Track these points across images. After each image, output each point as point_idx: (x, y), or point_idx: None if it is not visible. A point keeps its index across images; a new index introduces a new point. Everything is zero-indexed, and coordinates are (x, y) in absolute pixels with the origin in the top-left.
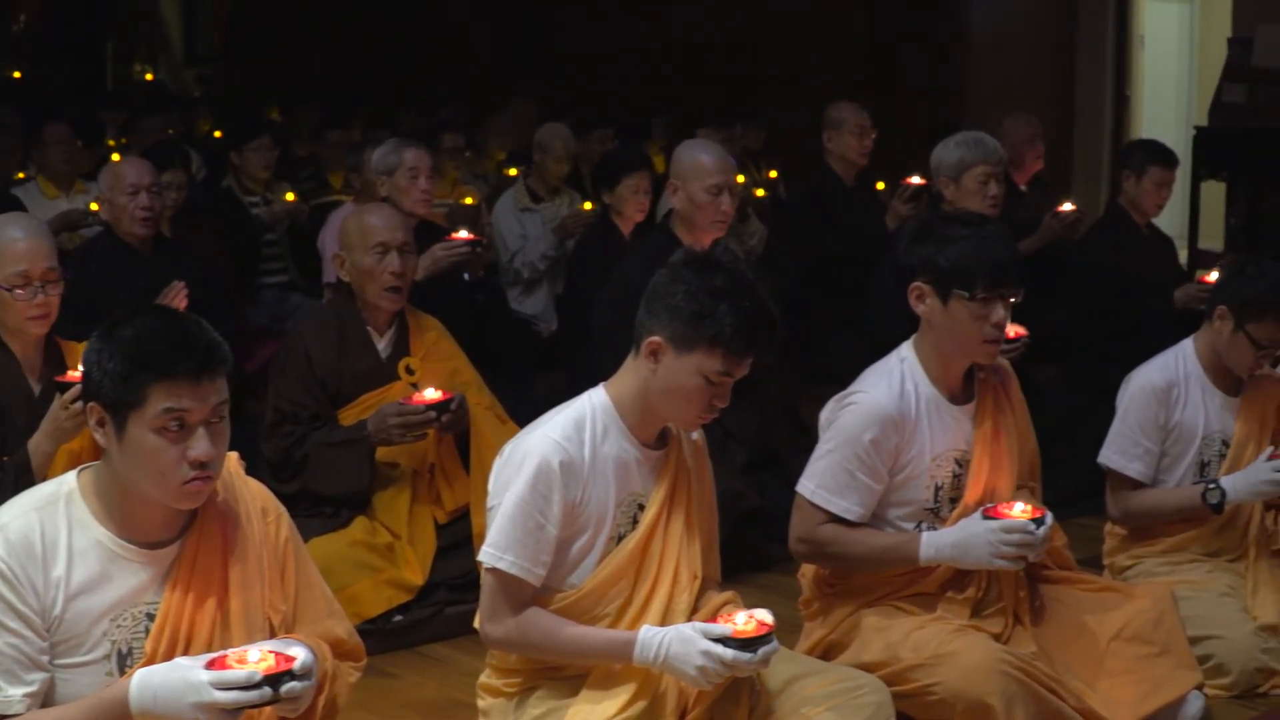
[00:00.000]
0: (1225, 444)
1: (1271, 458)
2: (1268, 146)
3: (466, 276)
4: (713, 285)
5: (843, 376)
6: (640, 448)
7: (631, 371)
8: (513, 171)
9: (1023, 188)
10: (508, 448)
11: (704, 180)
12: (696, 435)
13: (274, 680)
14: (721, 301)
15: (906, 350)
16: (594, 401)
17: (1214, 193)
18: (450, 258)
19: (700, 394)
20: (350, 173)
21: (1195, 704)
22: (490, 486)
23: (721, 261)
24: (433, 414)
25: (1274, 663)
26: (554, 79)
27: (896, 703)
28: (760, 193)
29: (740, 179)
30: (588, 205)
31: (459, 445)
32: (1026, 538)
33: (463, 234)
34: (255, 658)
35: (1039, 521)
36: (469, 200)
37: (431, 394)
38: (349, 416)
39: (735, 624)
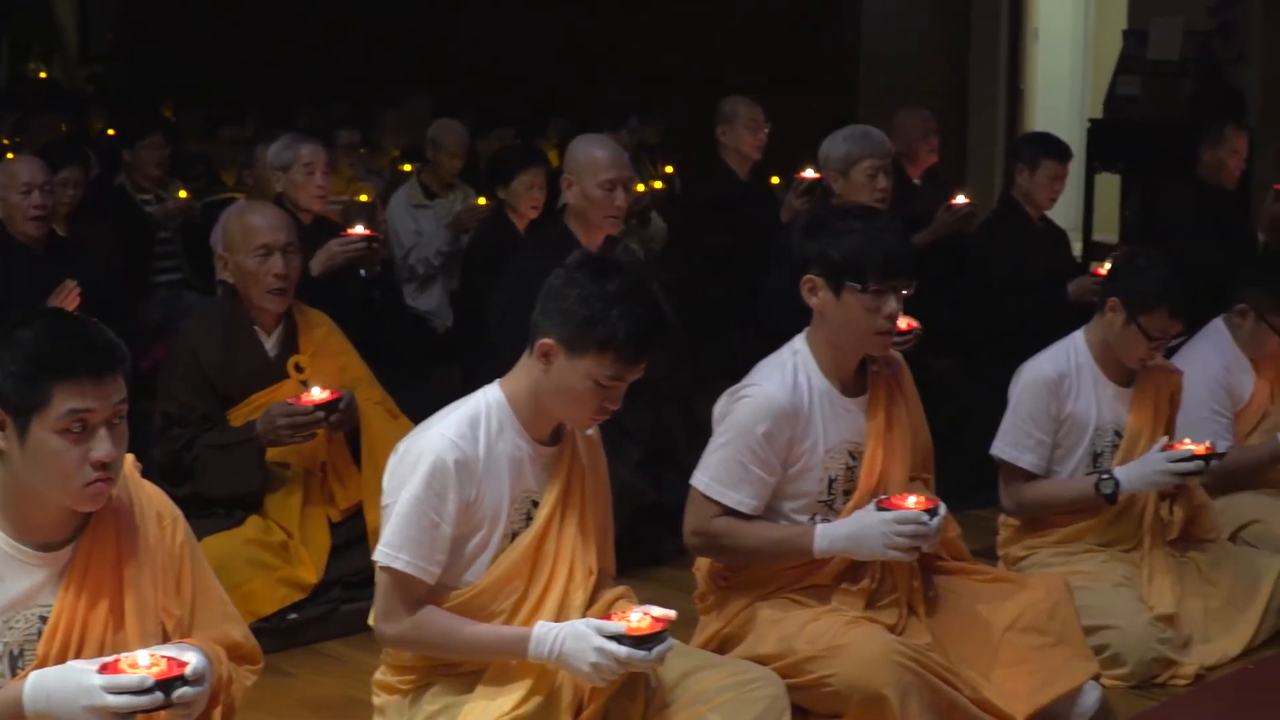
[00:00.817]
0: (1118, 435)
1: (1165, 448)
2: (1161, 138)
3: (363, 273)
4: (606, 290)
5: (738, 371)
6: (534, 444)
7: (525, 370)
8: (407, 168)
9: (916, 181)
10: (402, 446)
11: (598, 175)
12: (591, 431)
13: (166, 685)
14: (614, 306)
15: (799, 343)
16: (488, 399)
17: (1108, 185)
18: (346, 253)
19: (591, 397)
20: (243, 170)
21: (1092, 695)
22: (385, 484)
23: (617, 265)
24: (321, 414)
25: (1171, 653)
26: (452, 76)
27: (792, 695)
28: (658, 185)
29: (640, 187)
30: (482, 201)
31: (350, 443)
32: (920, 529)
33: (359, 229)
34: (146, 662)
35: (932, 512)
36: (364, 197)
37: (319, 393)
38: (239, 417)
39: (630, 621)
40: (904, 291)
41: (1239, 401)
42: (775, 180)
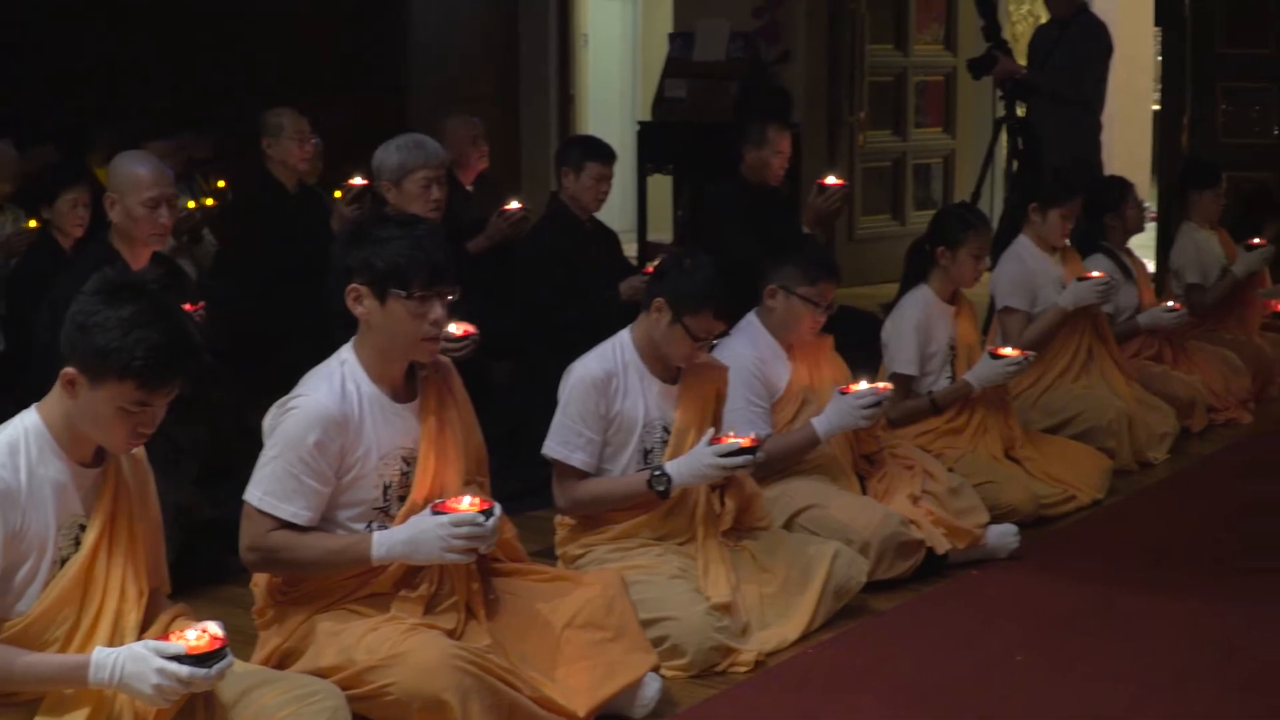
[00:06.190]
0: (666, 431)
1: (712, 441)
2: (709, 139)
3: None
4: (121, 316)
5: (292, 384)
6: (76, 468)
7: (59, 396)
8: None
9: (468, 188)
10: None
11: (140, 193)
12: (136, 449)
13: None
14: (130, 333)
15: (347, 352)
16: (26, 424)
17: (661, 186)
18: None
19: (120, 422)
20: None
21: (652, 686)
22: None
23: (137, 287)
24: None
25: (729, 640)
26: None
27: (354, 705)
28: (210, 202)
29: (191, 204)
30: (33, 223)
31: None
32: (475, 530)
33: None
34: None
35: (487, 514)
36: None
37: None
38: None
39: (188, 639)
40: (449, 297)
41: (775, 391)
42: (339, 195)
